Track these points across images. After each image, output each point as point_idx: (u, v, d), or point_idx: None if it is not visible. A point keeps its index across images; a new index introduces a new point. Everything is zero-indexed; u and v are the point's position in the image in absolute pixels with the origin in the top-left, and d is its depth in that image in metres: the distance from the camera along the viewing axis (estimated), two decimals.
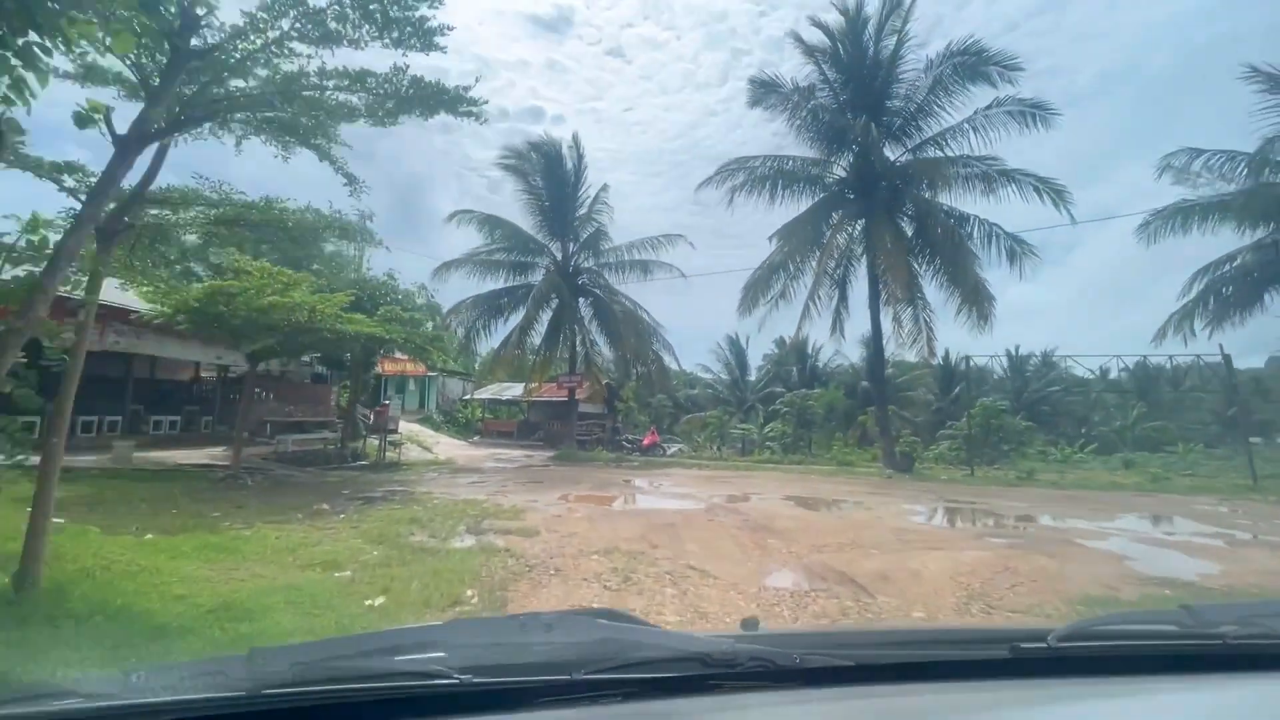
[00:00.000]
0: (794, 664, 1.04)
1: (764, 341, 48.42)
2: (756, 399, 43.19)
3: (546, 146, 22.26)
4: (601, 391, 23.95)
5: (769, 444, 26.39)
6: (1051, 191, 16.14)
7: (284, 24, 4.76)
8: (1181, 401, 47.36)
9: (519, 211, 23.40)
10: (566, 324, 22.29)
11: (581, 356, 24.39)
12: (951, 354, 43.95)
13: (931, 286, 18.76)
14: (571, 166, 22.83)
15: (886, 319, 19.88)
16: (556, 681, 0.95)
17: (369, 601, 4.76)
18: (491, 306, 22.12)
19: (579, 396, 25.15)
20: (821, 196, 19.29)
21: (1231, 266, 17.60)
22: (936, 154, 17.57)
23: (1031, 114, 15.91)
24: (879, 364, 19.43)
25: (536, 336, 22.70)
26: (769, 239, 18.72)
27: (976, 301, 17.11)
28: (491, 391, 31.71)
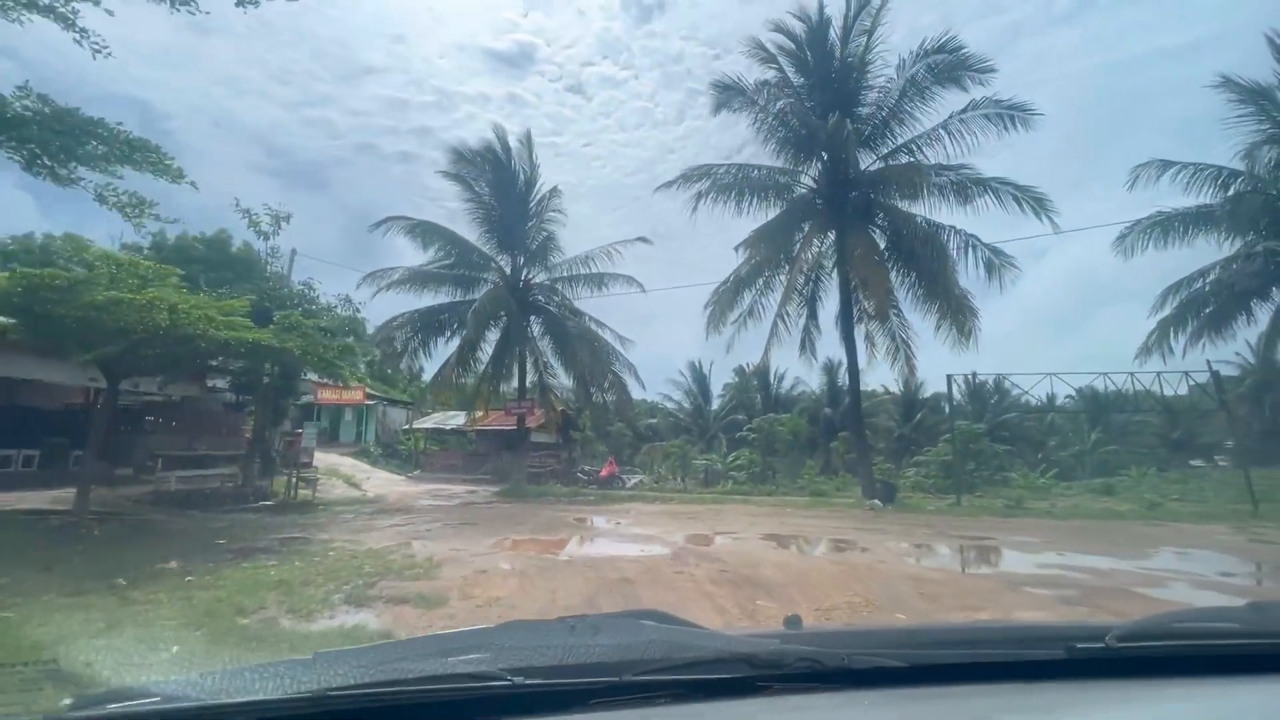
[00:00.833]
0: (842, 664, 1.02)
1: (729, 366, 47.27)
2: (719, 427, 41.61)
3: (493, 149, 20.41)
4: (556, 419, 21.75)
5: (733, 474, 24.68)
6: (1032, 200, 15.23)
7: None
8: (1127, 426, 48.33)
9: (466, 223, 21.43)
10: (516, 344, 20.17)
11: (534, 381, 22.23)
12: (914, 379, 43.54)
13: (907, 301, 17.60)
14: (523, 174, 21.05)
15: (861, 338, 18.68)
16: (606, 683, 0.96)
17: None
18: (430, 324, 19.78)
19: (531, 425, 22.89)
20: (790, 204, 18.01)
21: (1206, 281, 17.07)
22: (910, 161, 16.52)
23: (1010, 116, 15.05)
24: (854, 385, 17.98)
25: (482, 358, 20.49)
26: (735, 249, 17.28)
27: (958, 315, 15.92)
28: (435, 421, 29.07)
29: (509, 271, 21.25)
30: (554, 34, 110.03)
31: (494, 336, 20.68)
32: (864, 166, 17.71)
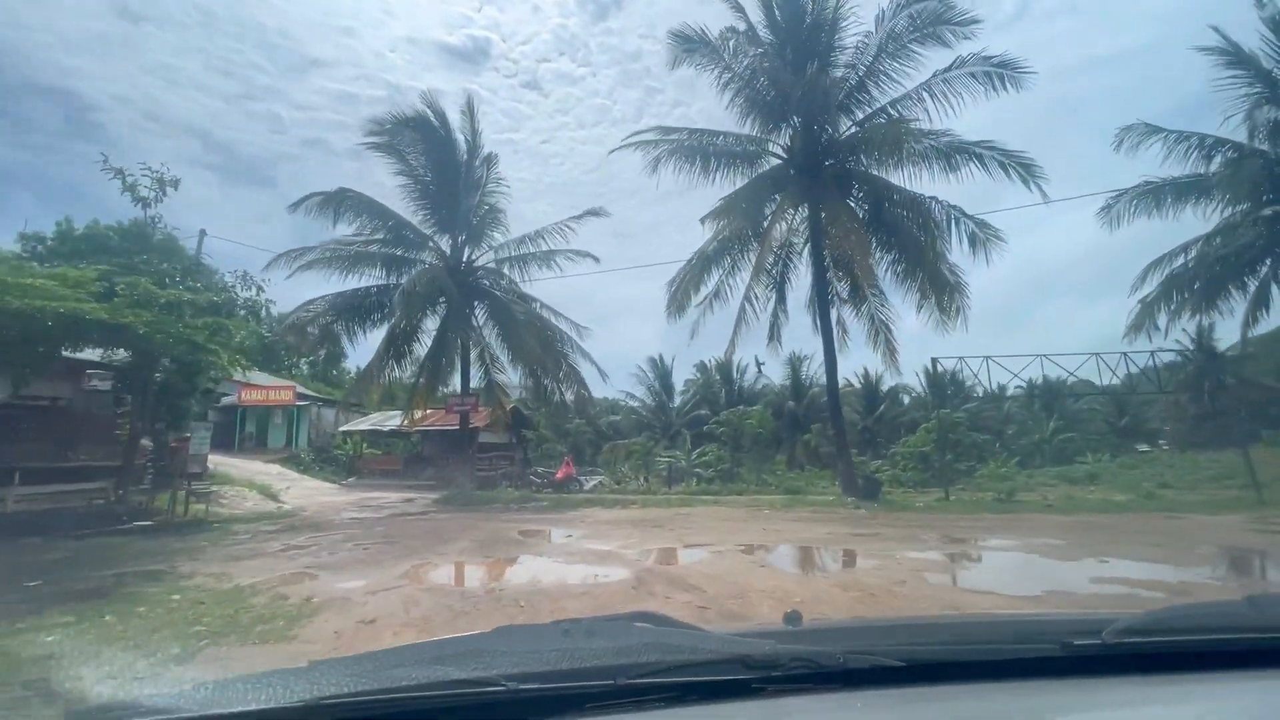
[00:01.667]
0: (838, 664, 1.01)
1: (693, 356, 45.89)
2: (683, 423, 39.96)
3: (425, 118, 18.02)
4: (504, 417, 19.55)
5: (697, 471, 22.94)
6: (1019, 167, 13.94)
7: None
8: (1079, 413, 49.21)
9: (400, 200, 18.98)
10: (457, 333, 17.88)
11: (480, 375, 19.98)
12: (871, 372, 42.95)
13: (887, 280, 16.17)
14: (464, 145, 18.77)
15: (834, 323, 17.16)
16: (601, 687, 0.96)
17: None
18: (354, 308, 17.31)
19: (477, 424, 20.65)
20: (760, 174, 16.36)
21: (1189, 256, 16.24)
22: (894, 117, 14.97)
23: (999, 75, 13.70)
24: (831, 372, 16.44)
25: (420, 350, 18.16)
26: (701, 221, 15.47)
27: (944, 293, 14.55)
28: (373, 422, 26.39)
29: (448, 252, 18.94)
30: (509, 29, 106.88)
31: (433, 326, 18.40)
32: (840, 133, 16.18)
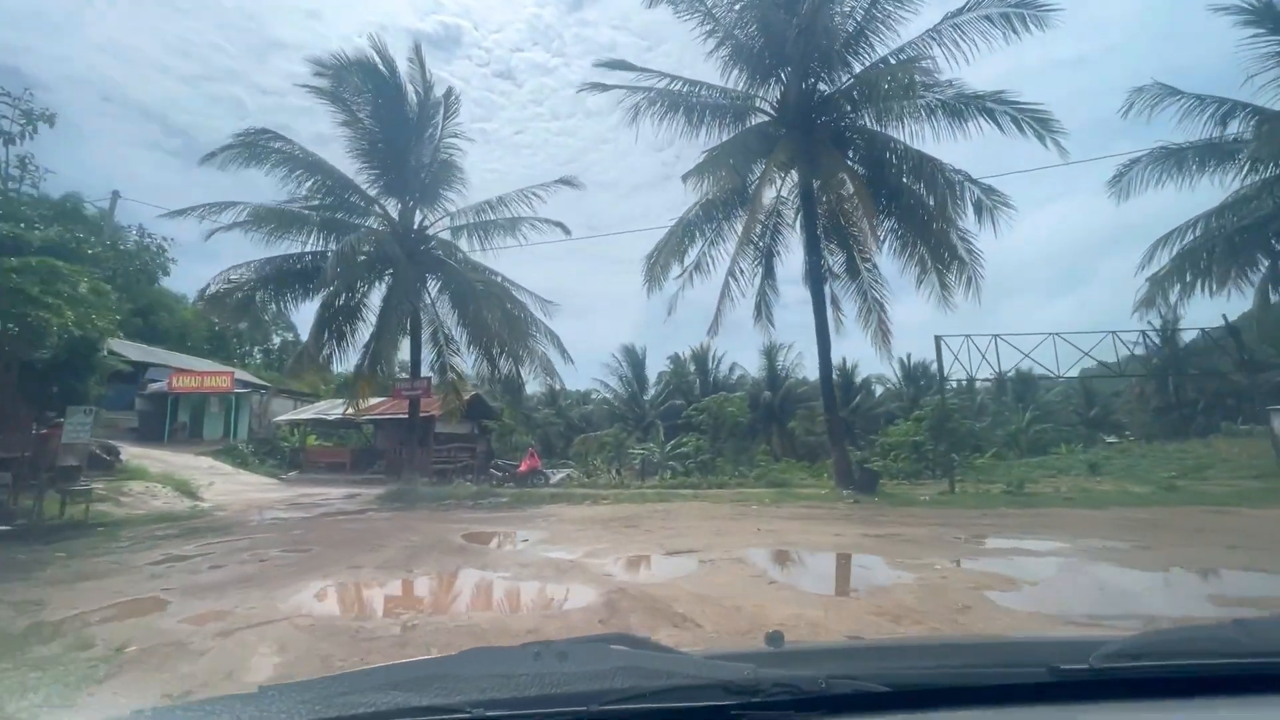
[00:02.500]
0: (819, 689, 0.96)
1: (669, 347, 44.29)
2: (656, 414, 38.35)
3: (371, 64, 15.81)
4: (458, 404, 17.54)
5: (672, 464, 21.33)
6: (1034, 121, 12.54)
7: None
8: (1050, 404, 49.35)
9: (344, 158, 16.71)
10: (406, 307, 15.79)
11: (433, 356, 17.89)
12: (847, 362, 41.94)
13: (884, 252, 14.69)
14: (413, 97, 16.60)
15: (834, 309, 15.65)
16: (573, 714, 0.91)
17: None
18: (286, 276, 15.04)
19: (430, 411, 18.60)
20: (747, 127, 14.66)
21: (1200, 229, 15.17)
22: (905, 59, 13.29)
23: (1019, 15, 12.22)
24: (824, 353, 14.87)
25: (363, 328, 16.04)
26: (683, 179, 13.70)
27: (951, 263, 13.11)
28: (318, 410, 24.05)
29: (397, 217, 16.80)
30: (481, 17, 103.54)
31: (375, 299, 16.29)
32: (837, 85, 14.56)
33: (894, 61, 12.68)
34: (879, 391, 45.30)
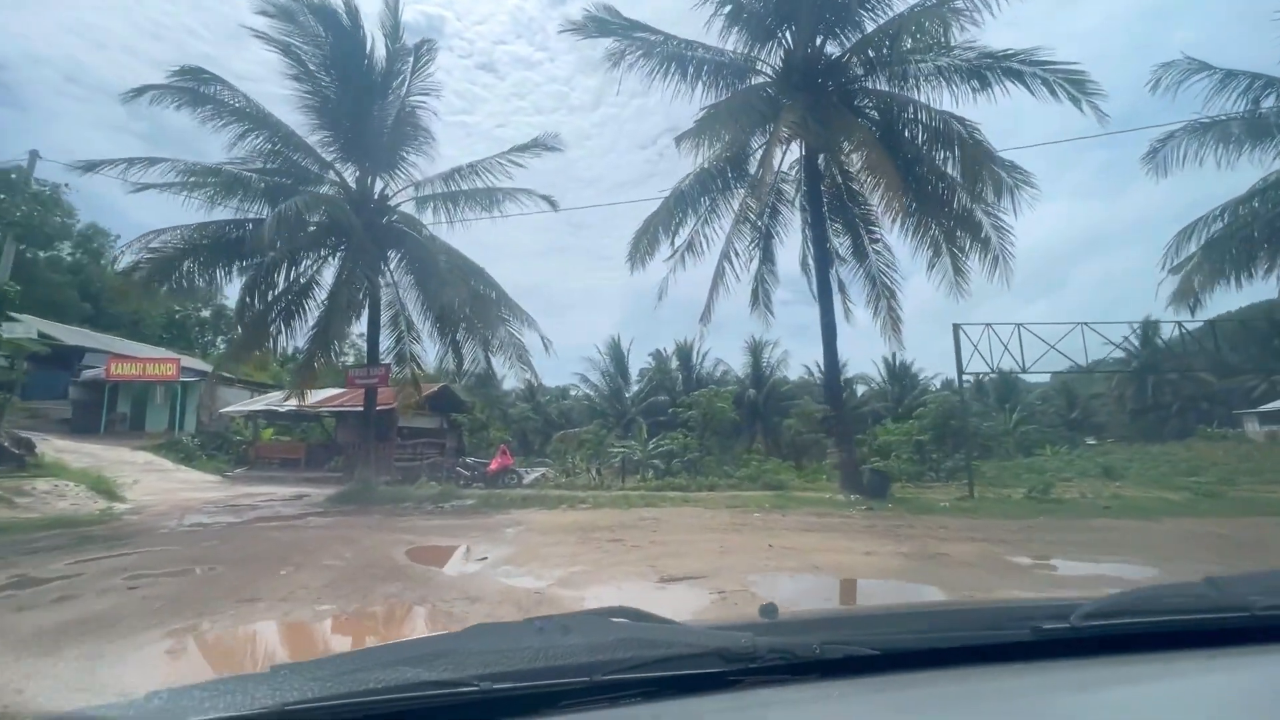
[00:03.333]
0: (814, 655, 1.01)
1: (653, 342, 42.92)
2: (638, 411, 36.81)
3: (332, 10, 13.93)
4: (415, 395, 15.71)
5: (654, 462, 19.78)
6: (1067, 83, 11.24)
7: None
8: (1033, 406, 49.25)
9: (293, 113, 14.73)
10: (361, 284, 13.97)
11: (393, 342, 16.07)
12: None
13: (894, 232, 13.31)
14: (383, 50, 14.71)
15: (842, 295, 14.22)
16: (577, 684, 0.92)
17: None
18: (221, 245, 13.09)
19: (386, 402, 16.79)
20: (748, 86, 13.12)
21: (1228, 217, 14.14)
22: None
23: None
24: (829, 344, 13.42)
25: (310, 308, 14.17)
26: (676, 142, 12.10)
27: (970, 242, 11.77)
28: (269, 401, 22.01)
29: (354, 184, 14.96)
30: (464, 8, 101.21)
31: (325, 275, 14.44)
32: (847, 43, 13.12)
33: (919, 7, 11.24)
34: (861, 391, 44.40)
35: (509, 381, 16.85)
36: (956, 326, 12.48)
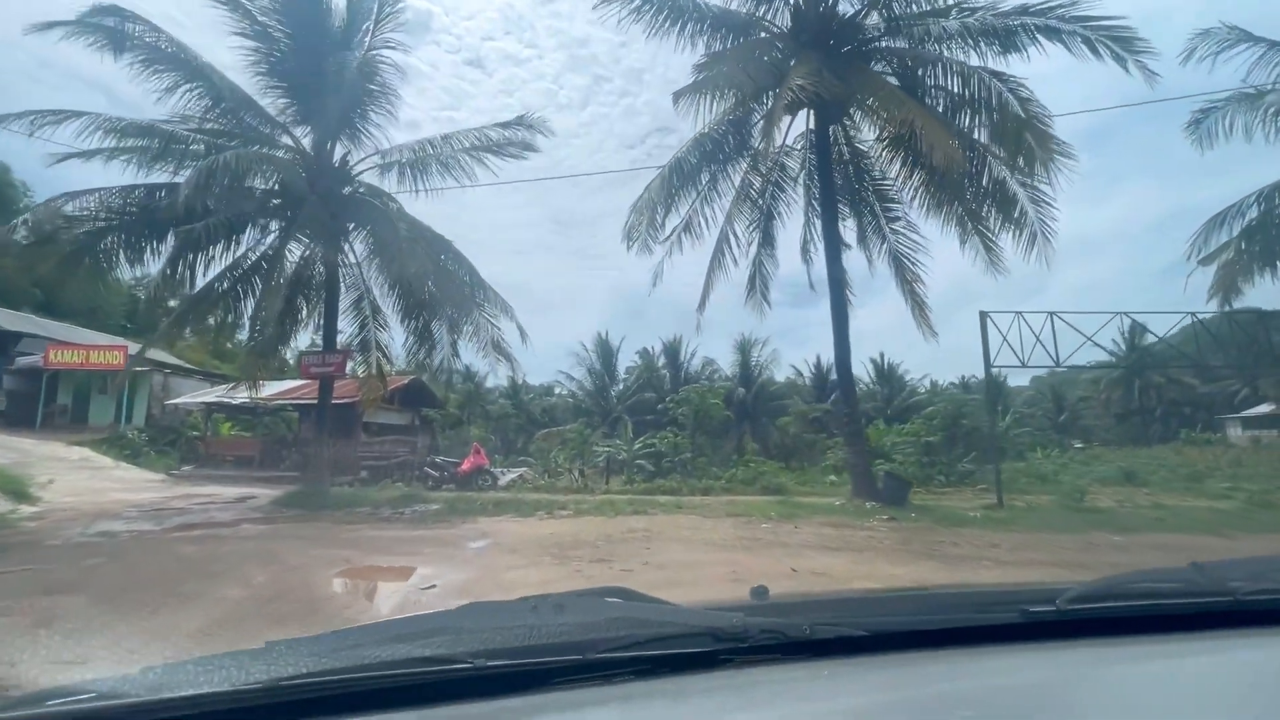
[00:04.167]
0: (804, 635, 1.02)
1: (640, 340, 41.67)
2: (624, 409, 35.34)
3: None
4: (378, 387, 14.04)
5: (640, 463, 18.37)
6: (1112, 41, 10.00)
7: None
8: (1022, 409, 48.73)
9: (245, 76, 13.08)
10: (316, 257, 12.32)
11: (356, 328, 14.43)
12: (824, 360, 39.87)
13: (916, 206, 12.03)
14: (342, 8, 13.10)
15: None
16: (570, 662, 0.93)
17: None
18: (152, 213, 11.36)
19: (352, 396, 15.17)
20: (756, 38, 11.72)
21: (1262, 207, 13.11)
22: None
23: None
24: (841, 334, 12.07)
25: (253, 287, 12.51)
26: (674, 98, 10.67)
27: (1001, 219, 10.51)
28: (219, 394, 20.20)
29: (310, 149, 13.32)
30: (452, 3, 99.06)
31: (272, 252, 12.76)
32: (861, 4, 11.79)
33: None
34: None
35: (488, 377, 15.32)
36: (984, 314, 11.21)
